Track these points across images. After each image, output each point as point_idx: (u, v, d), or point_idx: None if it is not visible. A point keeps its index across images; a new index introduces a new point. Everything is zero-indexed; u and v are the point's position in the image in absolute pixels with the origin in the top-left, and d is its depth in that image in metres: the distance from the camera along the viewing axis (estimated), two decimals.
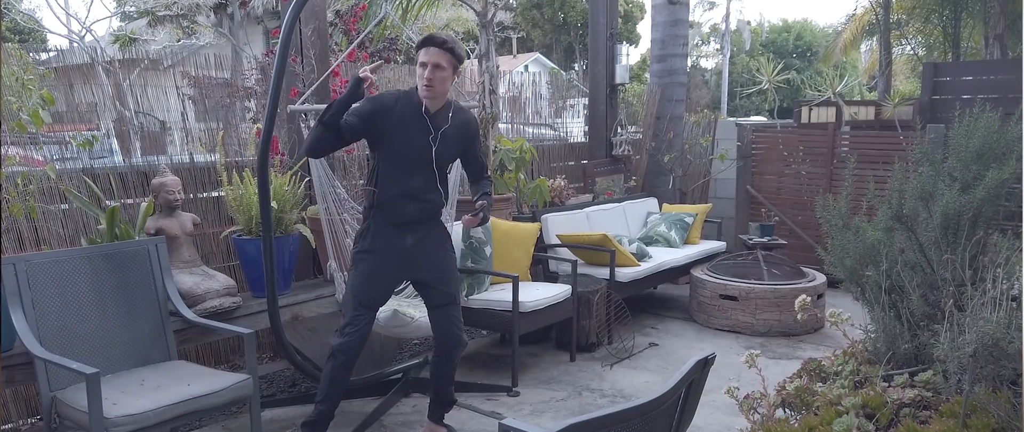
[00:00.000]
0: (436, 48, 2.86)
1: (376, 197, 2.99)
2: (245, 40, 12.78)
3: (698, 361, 1.52)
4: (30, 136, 3.49)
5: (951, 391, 2.11)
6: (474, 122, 3.21)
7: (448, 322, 3.21)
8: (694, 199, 7.06)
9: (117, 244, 3.10)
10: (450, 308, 3.20)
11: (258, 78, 4.44)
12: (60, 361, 2.55)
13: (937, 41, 12.18)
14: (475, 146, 3.21)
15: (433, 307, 3.22)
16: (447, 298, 3.19)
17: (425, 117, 2.96)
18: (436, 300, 3.19)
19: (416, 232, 3.06)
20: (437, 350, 3.29)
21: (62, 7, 19.03)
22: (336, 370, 3.04)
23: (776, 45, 32.86)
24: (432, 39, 2.88)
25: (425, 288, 3.20)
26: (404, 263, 3.08)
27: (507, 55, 27.22)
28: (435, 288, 3.17)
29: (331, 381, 3.05)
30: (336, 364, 3.03)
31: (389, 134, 2.93)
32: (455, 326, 3.21)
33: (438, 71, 2.87)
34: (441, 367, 3.29)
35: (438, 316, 3.21)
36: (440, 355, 3.27)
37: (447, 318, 3.20)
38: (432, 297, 3.20)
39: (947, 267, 2.50)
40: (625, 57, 6.69)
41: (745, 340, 4.87)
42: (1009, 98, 5.46)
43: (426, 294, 3.22)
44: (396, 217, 3.01)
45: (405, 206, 3.00)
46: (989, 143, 2.91)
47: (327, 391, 3.06)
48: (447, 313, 3.20)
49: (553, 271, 5.03)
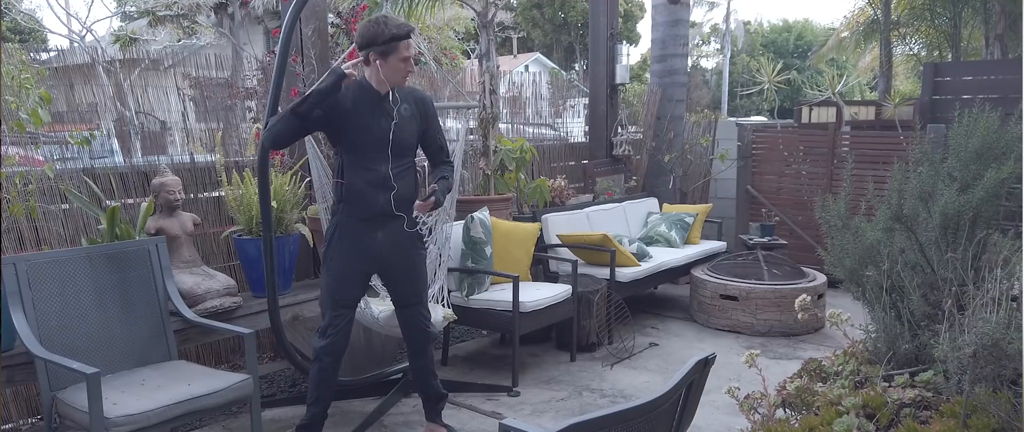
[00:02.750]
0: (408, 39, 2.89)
1: (343, 190, 2.96)
2: (246, 40, 12.78)
3: (698, 361, 1.52)
4: (30, 136, 3.50)
5: (951, 391, 2.11)
6: (428, 100, 3.15)
7: (416, 321, 3.22)
8: (694, 199, 7.06)
9: (117, 244, 3.10)
10: (418, 308, 3.21)
11: (259, 78, 4.44)
12: (60, 361, 2.55)
13: (937, 41, 12.18)
14: (433, 126, 3.15)
15: (400, 307, 3.22)
16: (415, 298, 3.19)
17: (382, 101, 2.93)
18: (404, 300, 3.19)
19: (385, 227, 3.02)
20: (410, 349, 3.30)
21: (62, 7, 19.06)
22: (323, 372, 3.05)
23: (776, 45, 32.87)
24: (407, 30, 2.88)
25: (393, 285, 3.19)
26: (374, 259, 3.05)
27: (507, 55, 27.25)
28: (403, 288, 3.17)
29: (319, 383, 3.06)
30: (322, 366, 3.04)
31: (347, 123, 2.89)
32: (423, 323, 3.23)
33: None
34: (418, 363, 3.30)
35: (406, 315, 3.22)
36: (413, 353, 3.29)
37: (415, 317, 3.21)
38: (400, 296, 3.20)
39: (947, 267, 2.50)
40: (625, 57, 6.68)
41: (745, 340, 4.87)
42: (1009, 98, 5.46)
43: (394, 292, 3.21)
44: (365, 211, 2.97)
45: (375, 197, 2.95)
46: (989, 143, 2.91)
47: (317, 393, 3.07)
48: (415, 313, 3.21)
49: (553, 271, 5.03)
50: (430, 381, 3.32)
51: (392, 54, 2.86)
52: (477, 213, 4.19)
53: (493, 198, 4.78)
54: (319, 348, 3.03)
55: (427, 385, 3.33)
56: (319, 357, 3.04)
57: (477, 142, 4.90)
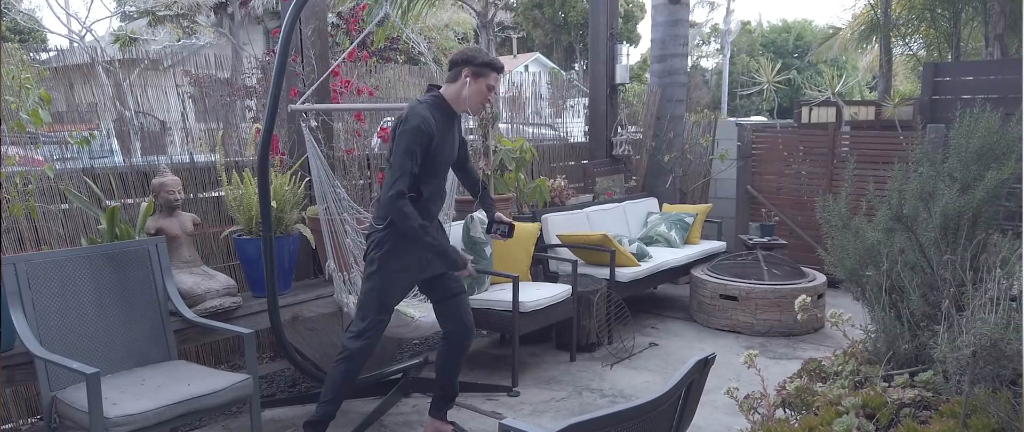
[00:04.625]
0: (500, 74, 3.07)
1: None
2: (245, 40, 12.79)
3: (698, 361, 1.52)
4: (30, 136, 3.50)
5: (951, 391, 2.11)
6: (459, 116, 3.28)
7: (461, 311, 3.24)
8: (694, 199, 7.06)
9: (117, 244, 3.10)
10: (461, 297, 3.25)
11: (259, 78, 4.45)
12: (60, 361, 2.55)
13: (937, 41, 12.19)
14: (462, 135, 3.29)
15: (445, 299, 3.23)
16: (458, 286, 3.24)
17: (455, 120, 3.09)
18: (448, 291, 3.22)
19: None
20: (449, 342, 3.29)
21: (62, 7, 19.05)
22: (351, 373, 3.05)
23: (776, 45, 32.87)
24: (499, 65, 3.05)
25: (435, 282, 3.22)
26: (423, 264, 3.12)
27: (507, 55, 27.25)
28: (445, 280, 3.20)
29: (343, 382, 3.06)
30: (353, 366, 3.04)
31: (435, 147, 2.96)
32: (468, 314, 3.27)
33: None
34: (452, 358, 3.30)
35: (450, 307, 3.24)
36: (452, 346, 3.28)
37: (459, 306, 3.24)
38: (443, 289, 3.22)
39: (947, 267, 2.50)
40: (625, 57, 6.68)
41: (745, 340, 4.87)
42: (1009, 98, 5.46)
43: (436, 288, 3.23)
44: (423, 218, 3.00)
45: (436, 206, 3.10)
46: (989, 143, 2.91)
47: (337, 391, 3.07)
48: (460, 302, 3.24)
49: (553, 271, 5.03)
50: (455, 378, 3.34)
51: (482, 78, 2.99)
52: (477, 213, 4.19)
53: (493, 198, 4.77)
54: (355, 349, 3.02)
55: (450, 382, 3.34)
56: (353, 357, 3.03)
57: (477, 142, 4.90)
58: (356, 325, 3.06)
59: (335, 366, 3.07)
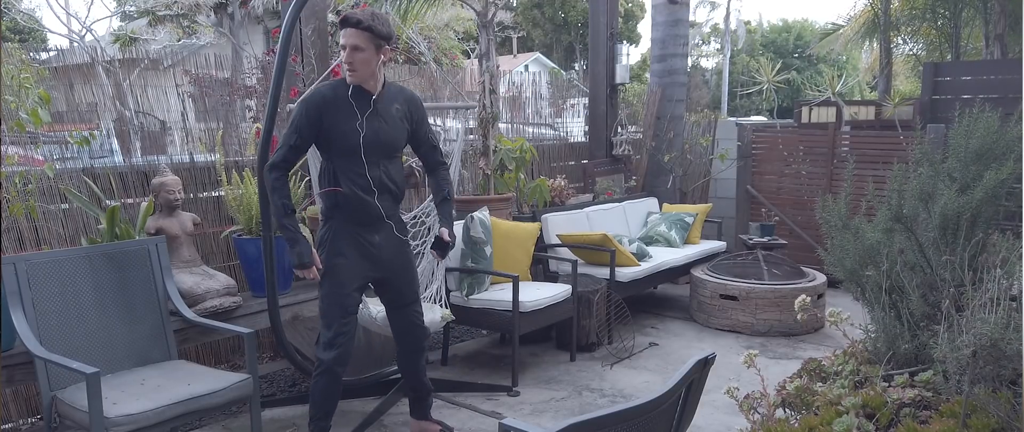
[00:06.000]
0: (352, 29, 2.73)
1: (338, 196, 2.89)
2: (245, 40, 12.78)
3: (698, 361, 1.52)
4: (30, 135, 3.50)
5: (951, 391, 2.11)
6: (416, 99, 3.08)
7: (410, 320, 3.18)
8: (694, 199, 7.06)
9: (117, 244, 3.10)
10: (414, 306, 3.18)
11: (259, 77, 4.45)
12: (60, 361, 2.55)
13: (937, 41, 12.19)
14: (424, 126, 3.10)
15: (396, 307, 3.16)
16: (412, 296, 3.17)
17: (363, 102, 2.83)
18: (401, 300, 3.15)
19: (380, 229, 2.99)
20: (403, 349, 3.22)
21: (62, 7, 19.05)
22: (332, 385, 2.94)
23: (776, 45, 32.86)
24: (347, 20, 2.74)
25: (388, 288, 3.13)
26: (373, 263, 3.00)
27: (507, 55, 27.24)
28: (399, 289, 3.12)
29: (326, 398, 2.95)
30: (332, 378, 2.92)
31: (333, 129, 2.82)
32: (420, 320, 3.19)
33: (357, 53, 2.74)
34: (409, 360, 3.23)
35: (401, 316, 3.17)
36: (411, 351, 3.22)
37: (410, 317, 3.17)
38: (396, 297, 3.14)
39: (947, 267, 2.50)
40: (625, 57, 6.68)
41: (745, 340, 4.87)
42: (1009, 98, 5.47)
43: (389, 294, 3.15)
44: (361, 215, 2.91)
45: (370, 200, 2.89)
46: (989, 143, 2.91)
47: (323, 407, 2.96)
48: (411, 312, 3.17)
49: (553, 271, 5.03)
50: (423, 378, 3.28)
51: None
52: (477, 213, 4.19)
53: (493, 198, 4.78)
54: (329, 360, 2.88)
55: (421, 383, 3.28)
56: (329, 370, 2.89)
57: (477, 142, 4.90)
58: (324, 336, 2.93)
59: (314, 383, 2.94)
